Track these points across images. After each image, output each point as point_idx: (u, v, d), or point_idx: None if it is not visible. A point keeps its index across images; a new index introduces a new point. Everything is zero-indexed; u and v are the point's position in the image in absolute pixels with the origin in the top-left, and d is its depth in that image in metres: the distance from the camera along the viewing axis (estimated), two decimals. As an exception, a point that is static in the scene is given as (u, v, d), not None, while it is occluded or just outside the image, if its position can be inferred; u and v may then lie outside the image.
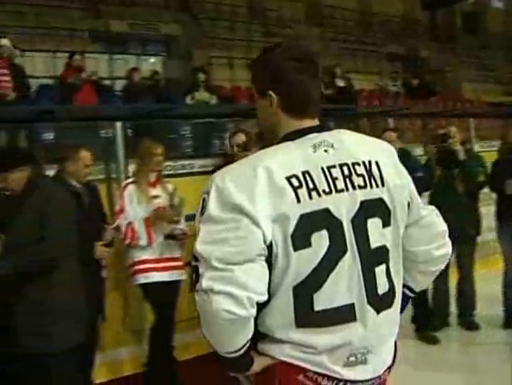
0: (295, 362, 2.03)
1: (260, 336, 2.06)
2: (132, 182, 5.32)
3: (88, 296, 4.23)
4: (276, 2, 16.80)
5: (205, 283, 1.89)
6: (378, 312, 2.07)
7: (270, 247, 1.94)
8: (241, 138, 5.78)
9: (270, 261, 1.96)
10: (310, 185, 1.99)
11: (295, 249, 1.95)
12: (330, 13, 18.10)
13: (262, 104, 2.17)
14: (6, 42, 10.20)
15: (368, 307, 2.05)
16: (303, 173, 1.99)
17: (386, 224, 2.11)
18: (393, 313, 2.16)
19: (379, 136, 12.38)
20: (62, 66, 11.52)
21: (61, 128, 9.11)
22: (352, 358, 2.05)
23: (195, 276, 1.98)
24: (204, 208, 2.00)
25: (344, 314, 2.02)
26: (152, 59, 14.01)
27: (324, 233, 1.98)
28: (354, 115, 13.03)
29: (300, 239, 1.95)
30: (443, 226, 2.35)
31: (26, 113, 9.35)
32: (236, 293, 1.87)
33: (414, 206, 2.25)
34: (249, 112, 9.56)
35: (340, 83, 13.41)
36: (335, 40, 17.30)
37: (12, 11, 13.13)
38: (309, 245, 1.96)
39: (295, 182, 1.97)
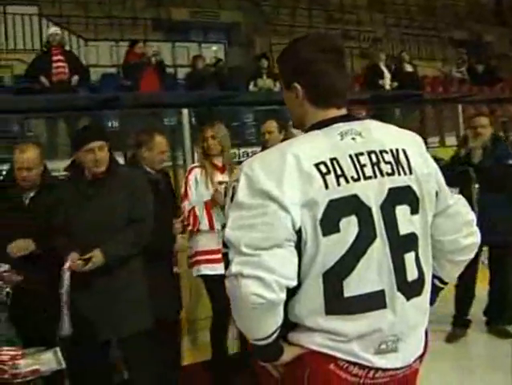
0: (326, 351, 2.02)
1: (290, 326, 2.06)
2: (197, 166, 5.23)
3: (162, 287, 4.29)
4: (338, -12, 16.58)
5: (234, 268, 1.92)
6: (407, 299, 2.06)
7: (299, 233, 1.95)
8: (271, 124, 5.65)
9: (299, 247, 1.97)
10: (339, 172, 1.99)
11: (324, 235, 1.95)
12: (392, -2, 17.84)
13: (288, 96, 2.17)
14: (55, 29, 10.31)
15: (398, 294, 2.03)
16: (331, 160, 2.00)
17: (414, 211, 2.10)
18: (422, 301, 2.14)
19: (455, 122, 12.24)
20: (124, 54, 11.62)
21: (125, 116, 9.16)
22: (383, 346, 2.04)
23: (226, 262, 2.02)
24: (233, 195, 2.04)
25: (374, 301, 2.01)
26: (214, 47, 13.94)
27: (353, 218, 1.98)
28: (420, 101, 12.81)
29: (329, 224, 1.95)
30: (470, 215, 2.32)
31: (89, 101, 9.40)
32: (264, 277, 1.88)
33: (442, 195, 2.23)
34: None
35: (408, 68, 13.36)
36: (397, 26, 17.03)
37: (76, 1, 13.30)
38: (338, 230, 1.96)
39: (323, 168, 1.98)
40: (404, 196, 2.08)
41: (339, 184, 1.97)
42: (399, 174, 2.07)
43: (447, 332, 5.86)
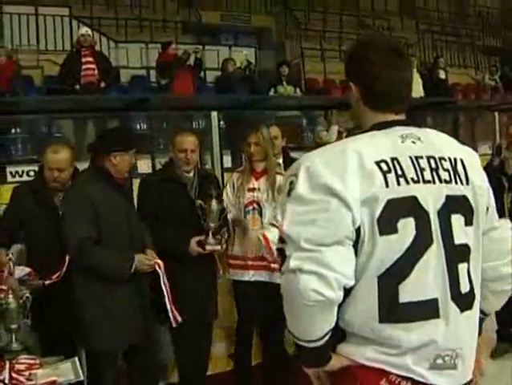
0: (377, 366, 1.95)
1: (339, 334, 2.00)
2: (239, 171, 5.14)
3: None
4: (369, -7, 16.45)
5: (292, 263, 1.87)
6: (461, 310, 1.99)
7: (357, 231, 1.91)
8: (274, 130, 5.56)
9: (355, 246, 1.92)
10: (399, 172, 1.95)
11: (381, 234, 1.90)
12: (424, 4, 17.67)
13: (350, 95, 2.16)
14: (86, 30, 10.27)
15: (452, 304, 1.97)
16: (392, 159, 1.96)
17: (468, 222, 2.05)
18: (474, 315, 2.08)
19: (489, 131, 12.08)
20: (154, 57, 11.68)
21: (155, 118, 9.09)
22: (439, 361, 1.96)
23: (281, 258, 1.95)
24: (291, 190, 1.98)
25: (429, 309, 1.94)
26: (245, 50, 13.83)
27: (411, 220, 1.93)
28: (452, 108, 12.64)
29: (386, 224, 1.90)
30: None
31: (119, 102, 9.35)
32: (325, 274, 1.84)
33: (490, 213, 2.19)
34: (340, 104, 9.41)
35: (442, 75, 13.35)
36: (429, 32, 16.82)
37: (106, 3, 13.29)
38: (395, 231, 1.91)
39: (384, 167, 1.94)
40: (460, 205, 2.03)
41: (399, 184, 1.93)
42: (456, 183, 2.03)
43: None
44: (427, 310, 1.94)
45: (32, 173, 8.48)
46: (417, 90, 12.65)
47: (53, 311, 4.08)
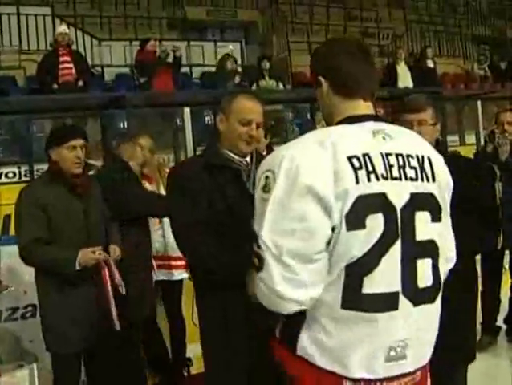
0: (335, 370, 2.00)
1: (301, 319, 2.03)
2: None
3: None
4: (356, -16, 16.38)
5: (277, 285, 1.93)
6: (414, 305, 2.03)
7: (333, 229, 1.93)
8: None
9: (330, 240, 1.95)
10: (370, 168, 1.96)
11: (348, 229, 1.91)
12: (412, -6, 17.57)
13: (318, 93, 2.21)
14: (63, 28, 10.20)
15: (404, 298, 2.00)
16: (364, 155, 1.97)
17: (436, 219, 2.10)
18: (435, 308, 2.14)
19: (475, 121, 11.98)
20: (136, 52, 11.54)
21: (135, 116, 9.01)
22: (393, 353, 2.01)
23: (258, 261, 1.97)
24: (268, 186, 1.97)
25: (389, 302, 1.99)
26: (230, 46, 13.76)
27: (380, 216, 1.95)
28: (440, 98, 12.56)
29: (355, 220, 1.92)
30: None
31: (97, 100, 9.27)
32: (302, 300, 1.95)
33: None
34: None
35: (430, 64, 13.44)
36: (418, 22, 16.75)
37: (89, 1, 13.23)
38: (363, 226, 1.93)
39: (356, 163, 1.95)
40: (425, 202, 2.07)
41: (369, 180, 1.95)
42: (422, 180, 2.07)
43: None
44: (387, 302, 1.98)
45: (11, 175, 8.47)
46: (405, 80, 12.63)
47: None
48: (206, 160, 3.18)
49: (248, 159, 3.18)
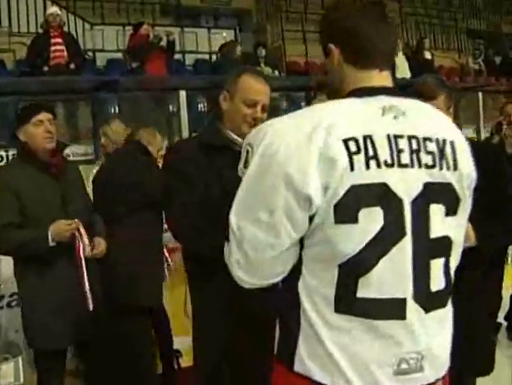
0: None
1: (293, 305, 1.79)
2: None
3: None
4: (352, -25, 16.20)
5: (235, 271, 1.82)
6: (426, 311, 1.78)
7: (310, 218, 1.69)
8: None
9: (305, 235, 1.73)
10: (370, 152, 1.68)
11: (336, 222, 1.66)
12: (408, -14, 17.44)
13: (328, 64, 1.90)
14: (55, 9, 9.96)
15: (415, 304, 1.75)
16: (365, 137, 1.68)
17: (451, 213, 1.81)
18: (447, 311, 1.89)
19: (473, 114, 11.97)
20: (129, 36, 11.36)
21: (126, 100, 8.84)
22: (404, 365, 1.75)
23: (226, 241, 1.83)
24: (248, 162, 1.77)
25: (393, 309, 1.73)
26: (224, 33, 13.61)
27: (377, 210, 1.68)
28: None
29: (344, 212, 1.66)
30: None
31: (89, 83, 9.08)
32: (262, 284, 1.83)
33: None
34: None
35: (428, 55, 13.36)
36: (413, 15, 16.62)
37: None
38: (354, 220, 1.66)
39: (353, 146, 1.66)
40: (442, 194, 1.78)
41: (368, 167, 1.67)
42: (440, 168, 1.77)
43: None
44: (390, 309, 1.73)
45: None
46: (403, 71, 12.50)
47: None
48: (204, 139, 3.02)
49: None
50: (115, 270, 4.19)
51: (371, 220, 1.67)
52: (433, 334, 1.80)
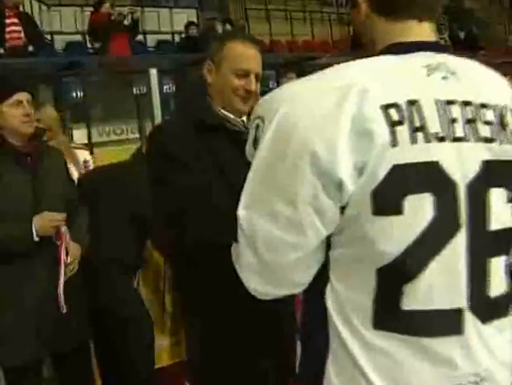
0: None
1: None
2: None
3: None
4: None
5: (245, 278, 1.46)
6: (483, 321, 1.39)
7: (341, 209, 1.31)
8: None
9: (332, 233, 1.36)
10: (417, 123, 1.29)
11: (375, 213, 1.29)
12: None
13: (356, 18, 1.49)
14: None
15: (470, 315, 1.37)
16: (409, 103, 1.30)
17: None
18: (509, 322, 1.48)
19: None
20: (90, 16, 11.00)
21: (90, 83, 8.50)
22: None
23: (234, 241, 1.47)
24: (256, 142, 1.39)
25: (447, 323, 1.36)
26: (186, 15, 13.33)
27: (427, 196, 1.29)
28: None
29: (386, 200, 1.28)
30: None
31: (50, 66, 8.69)
32: (277, 294, 1.49)
33: None
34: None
35: None
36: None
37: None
38: (399, 211, 1.28)
39: (395, 115, 1.28)
40: (504, 174, 1.40)
41: (414, 142, 1.28)
42: (501, 142, 1.39)
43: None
44: (443, 322, 1.37)
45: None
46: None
47: None
48: (197, 118, 2.51)
49: (245, 119, 2.53)
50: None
51: (420, 210, 1.30)
52: (493, 350, 1.44)
